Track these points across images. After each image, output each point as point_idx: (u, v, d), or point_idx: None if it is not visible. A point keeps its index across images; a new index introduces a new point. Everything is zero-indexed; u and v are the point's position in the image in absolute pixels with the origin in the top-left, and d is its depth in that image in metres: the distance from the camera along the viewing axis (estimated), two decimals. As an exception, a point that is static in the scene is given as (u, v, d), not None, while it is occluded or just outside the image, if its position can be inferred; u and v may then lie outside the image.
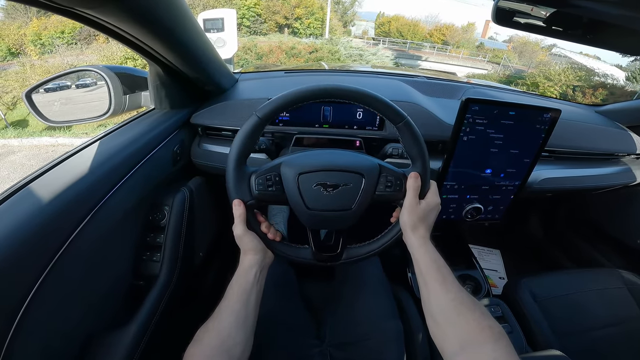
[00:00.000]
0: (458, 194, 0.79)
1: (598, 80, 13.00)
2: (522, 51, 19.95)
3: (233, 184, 0.53)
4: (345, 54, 12.34)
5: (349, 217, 0.55)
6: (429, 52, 20.63)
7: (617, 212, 1.24)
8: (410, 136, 0.53)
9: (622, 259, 1.25)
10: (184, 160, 0.83)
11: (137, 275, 0.68)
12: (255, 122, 0.52)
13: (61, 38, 13.28)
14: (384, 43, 21.01)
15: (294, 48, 11.36)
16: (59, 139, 6.25)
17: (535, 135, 0.72)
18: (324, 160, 0.54)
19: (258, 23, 17.62)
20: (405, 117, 0.53)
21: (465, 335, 0.41)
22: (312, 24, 18.24)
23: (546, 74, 12.38)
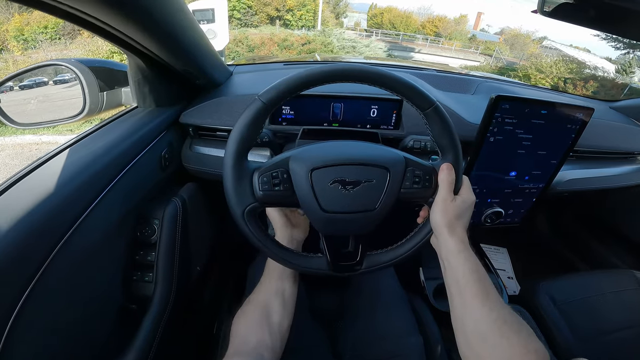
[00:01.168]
0: (479, 198, 0.71)
1: (589, 73, 13.18)
2: (514, 43, 20.02)
3: (232, 183, 0.44)
4: (338, 46, 12.17)
5: (372, 219, 0.46)
6: (421, 44, 20.56)
7: (629, 211, 1.21)
8: (441, 123, 0.45)
9: (633, 259, 1.22)
10: (174, 166, 0.74)
11: (129, 298, 0.60)
12: (259, 107, 0.43)
13: (44, 33, 12.91)
14: (376, 35, 20.85)
15: (286, 40, 11.13)
16: (42, 136, 6.01)
17: (565, 135, 0.65)
18: (341, 153, 0.46)
19: (249, 15, 17.26)
20: (435, 102, 0.44)
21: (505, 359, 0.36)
22: (304, 16, 17.96)
23: (538, 66, 12.47)
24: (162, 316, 0.61)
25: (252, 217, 0.45)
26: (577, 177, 0.86)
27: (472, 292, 0.40)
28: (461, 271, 0.41)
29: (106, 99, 0.67)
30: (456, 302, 0.42)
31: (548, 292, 0.86)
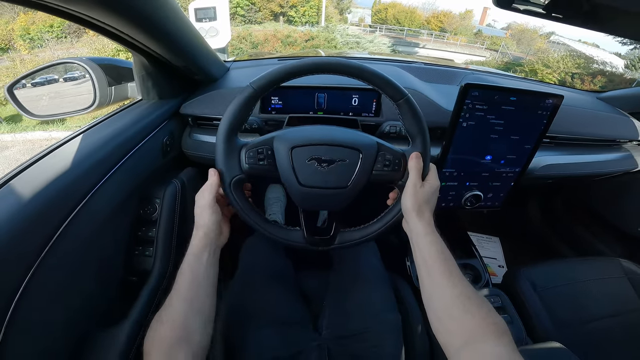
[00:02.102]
0: (457, 181, 0.77)
1: (597, 68, 12.91)
2: (520, 38, 19.72)
3: (222, 156, 0.50)
4: (342, 42, 12.11)
5: (344, 196, 0.52)
6: (426, 39, 20.35)
7: (617, 199, 1.22)
8: (411, 114, 0.51)
9: (622, 247, 1.24)
10: (174, 152, 0.81)
11: (130, 270, 0.66)
12: (250, 92, 0.49)
13: (50, 32, 13.05)
14: (380, 30, 20.68)
15: (289, 36, 11.12)
16: (52, 132, 6.15)
17: (536, 121, 0.70)
18: (319, 135, 0.52)
19: (252, 12, 17.26)
20: (406, 94, 0.50)
21: (469, 331, 0.39)
22: (308, 12, 17.90)
23: (544, 61, 12.26)
24: (159, 288, 0.66)
25: (239, 187, 0.52)
26: (554, 163, 0.89)
27: (438, 270, 0.44)
28: (428, 252, 0.45)
29: (114, 92, 0.74)
30: (425, 281, 0.45)
31: (528, 278, 0.87)
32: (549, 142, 0.90)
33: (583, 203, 1.40)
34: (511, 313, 0.75)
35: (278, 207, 1.24)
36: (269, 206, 1.27)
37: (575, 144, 0.97)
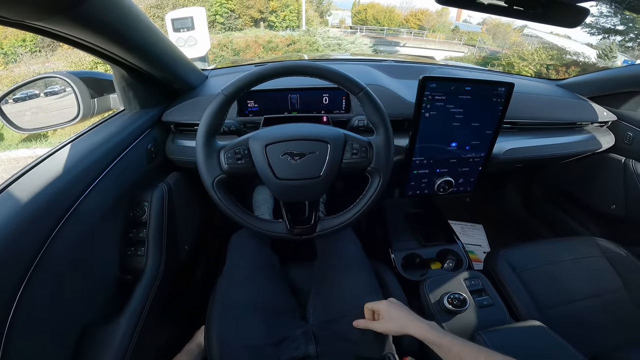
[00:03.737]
0: (428, 168, 0.82)
1: (570, 59, 13.41)
2: (496, 33, 20.31)
3: (203, 158, 0.55)
4: (324, 44, 12.25)
5: (319, 185, 0.57)
6: (406, 38, 20.74)
7: (588, 180, 1.27)
8: (371, 104, 0.56)
9: (597, 226, 1.29)
10: (159, 158, 0.84)
11: (124, 270, 0.70)
12: (222, 99, 0.54)
13: (23, 46, 12.67)
14: (361, 31, 20.96)
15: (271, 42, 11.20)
16: (36, 150, 6.02)
17: (493, 108, 0.76)
18: (289, 131, 0.57)
19: (232, 19, 17.21)
20: (364, 87, 0.56)
21: None
22: (288, 16, 17.96)
23: (520, 54, 12.69)
24: (152, 285, 0.70)
25: (221, 187, 0.56)
26: (517, 147, 0.94)
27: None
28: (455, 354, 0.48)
29: (97, 104, 0.76)
30: None
31: (507, 260, 0.89)
32: (510, 128, 0.97)
33: (558, 185, 1.45)
34: (492, 295, 0.75)
35: (265, 208, 1.28)
36: (256, 208, 1.30)
37: (537, 129, 1.03)
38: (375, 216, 1.13)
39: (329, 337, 0.63)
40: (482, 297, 0.73)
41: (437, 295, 0.73)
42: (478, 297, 0.73)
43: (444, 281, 0.76)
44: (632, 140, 1.10)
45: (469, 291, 0.74)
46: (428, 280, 0.77)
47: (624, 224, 1.16)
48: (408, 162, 0.79)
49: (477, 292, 0.74)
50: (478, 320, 0.69)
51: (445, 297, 0.70)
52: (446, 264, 0.93)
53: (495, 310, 0.71)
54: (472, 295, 0.73)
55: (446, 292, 0.71)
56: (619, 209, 1.15)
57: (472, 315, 0.69)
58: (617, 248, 0.93)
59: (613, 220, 1.20)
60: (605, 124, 1.15)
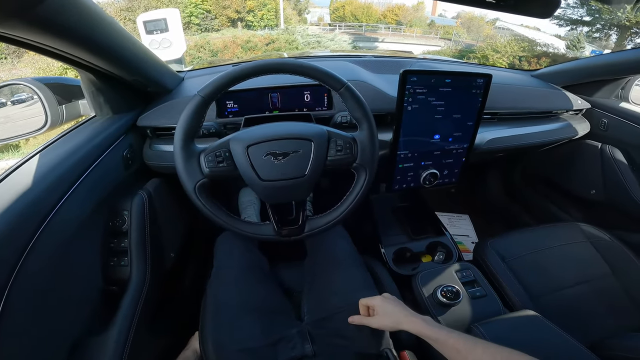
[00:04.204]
0: (413, 161, 0.83)
1: (540, 50, 13.91)
2: (470, 26, 20.84)
3: (182, 163, 0.52)
4: (303, 42, 12.20)
5: (304, 184, 0.55)
6: (384, 33, 20.96)
7: (567, 166, 1.31)
8: (353, 100, 0.55)
9: (579, 212, 1.32)
10: (137, 164, 0.81)
11: (109, 281, 0.68)
12: (198, 101, 0.52)
13: (-14, 54, 11.95)
14: (340, 28, 21.01)
15: (249, 41, 11.03)
16: (8, 161, 5.72)
17: (473, 99, 0.77)
18: (271, 131, 0.55)
19: (208, 19, 16.84)
20: (346, 83, 0.55)
21: None
22: (266, 16, 17.75)
23: (494, 47, 13.08)
24: (139, 295, 0.68)
25: (203, 191, 0.54)
26: (498, 137, 0.97)
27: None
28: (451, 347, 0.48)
29: (66, 111, 0.73)
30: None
31: (496, 250, 0.89)
32: (490, 118, 0.99)
33: (538, 173, 1.49)
34: (484, 286, 0.75)
35: (252, 209, 1.26)
36: (243, 210, 1.27)
37: (516, 118, 1.07)
38: (363, 212, 1.13)
39: (325, 335, 0.63)
40: (474, 288, 0.73)
41: (430, 288, 0.73)
42: (471, 288, 0.73)
43: (435, 274, 0.77)
44: (607, 126, 1.15)
45: (461, 283, 0.74)
46: (420, 274, 0.77)
47: (604, 208, 1.20)
48: (393, 156, 0.79)
49: (470, 284, 0.75)
50: (473, 312, 0.69)
51: (439, 290, 0.70)
52: (436, 256, 0.93)
53: (488, 301, 0.71)
54: (465, 286, 0.74)
55: (439, 285, 0.71)
56: (599, 194, 1.19)
57: (467, 307, 0.70)
58: (601, 233, 0.95)
59: (594, 205, 1.24)
60: (580, 112, 1.20)
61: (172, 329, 0.89)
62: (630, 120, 1.08)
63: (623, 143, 1.12)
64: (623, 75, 1.10)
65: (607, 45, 13.47)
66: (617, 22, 12.24)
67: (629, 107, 1.11)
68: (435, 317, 0.67)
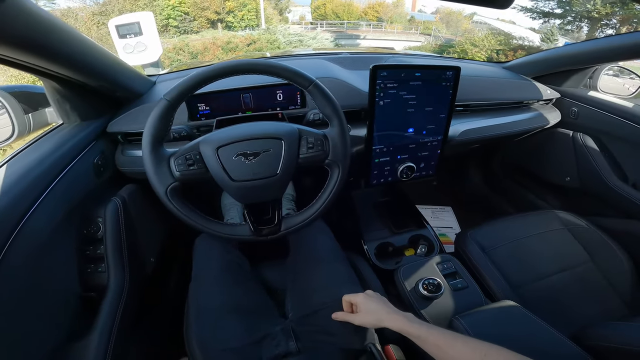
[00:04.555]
0: (389, 155, 0.84)
1: (516, 43, 14.30)
2: (449, 21, 21.24)
3: (152, 167, 0.52)
4: (285, 42, 12.13)
5: (277, 183, 0.56)
6: (366, 30, 21.10)
7: (542, 155, 1.34)
8: (322, 97, 0.56)
9: (556, 199, 1.36)
10: (110, 171, 0.80)
11: (87, 287, 0.68)
12: (164, 105, 0.52)
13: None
14: (321, 26, 21.02)
15: (230, 42, 10.87)
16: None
17: (443, 91, 0.79)
18: (241, 131, 0.55)
19: (187, 22, 16.53)
20: (314, 80, 0.55)
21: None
22: (247, 16, 17.55)
23: (472, 41, 13.37)
24: (119, 300, 0.68)
25: (176, 195, 0.54)
26: (471, 128, 0.99)
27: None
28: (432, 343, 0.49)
29: (33, 120, 0.71)
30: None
31: (476, 240, 0.89)
32: (463, 110, 1.02)
33: (515, 163, 1.53)
34: (465, 277, 0.76)
35: (235, 211, 1.25)
36: (226, 212, 1.26)
37: (488, 109, 1.09)
38: (345, 208, 1.14)
39: (309, 331, 0.63)
40: (456, 280, 0.74)
41: (412, 282, 0.73)
42: (452, 280, 0.74)
43: (417, 267, 0.77)
44: (577, 114, 1.19)
45: (442, 275, 0.75)
46: (402, 268, 0.77)
47: (579, 194, 1.24)
48: (368, 151, 0.80)
49: (451, 276, 0.75)
50: (455, 304, 0.69)
51: (420, 283, 0.70)
52: (419, 249, 0.94)
53: (470, 293, 0.72)
54: (446, 279, 0.74)
55: (421, 279, 0.72)
56: (574, 181, 1.22)
57: (449, 299, 0.70)
58: (578, 220, 0.97)
59: (569, 192, 1.27)
60: (550, 102, 1.24)
61: (157, 334, 0.88)
62: (600, 108, 1.11)
63: (594, 130, 1.16)
64: (588, 64, 1.14)
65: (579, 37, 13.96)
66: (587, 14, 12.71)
67: (598, 96, 1.15)
68: (418, 310, 0.68)
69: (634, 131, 1.00)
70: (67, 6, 12.91)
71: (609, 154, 1.13)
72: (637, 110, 1.01)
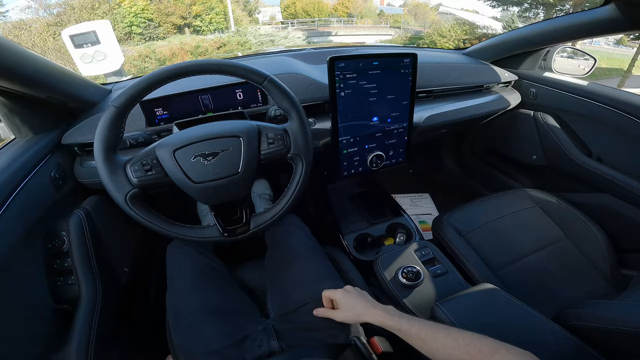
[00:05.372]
0: (356, 146, 0.85)
1: (481, 32, 14.78)
2: (416, 13, 21.68)
3: (107, 176, 0.51)
4: (256, 43, 11.98)
5: (240, 182, 0.55)
6: (337, 27, 21.20)
7: (507, 136, 1.39)
8: (277, 92, 0.55)
9: (526, 177, 1.40)
10: (70, 183, 0.77)
11: (59, 300, 0.68)
12: (113, 112, 0.50)
13: None
14: (292, 25, 20.92)
15: (198, 47, 10.61)
16: None
17: (403, 79, 0.81)
18: (197, 132, 0.54)
19: (152, 28, 15.95)
20: (267, 76, 0.54)
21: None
22: (215, 19, 17.16)
23: (439, 32, 13.75)
24: (93, 311, 0.69)
25: (137, 201, 0.53)
26: (435, 113, 1.01)
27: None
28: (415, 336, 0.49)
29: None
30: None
31: (452, 224, 0.89)
32: (426, 96, 1.04)
33: (484, 145, 1.58)
34: (444, 262, 0.75)
35: (211, 216, 1.22)
36: (203, 217, 1.23)
37: (450, 94, 1.13)
38: (321, 203, 1.15)
39: (291, 329, 0.62)
40: (435, 266, 0.73)
41: (392, 271, 0.72)
42: (431, 266, 0.73)
43: (395, 256, 0.76)
44: (536, 95, 1.24)
45: (421, 262, 0.74)
46: (380, 258, 0.77)
47: (547, 171, 1.28)
48: (335, 143, 0.81)
49: (430, 262, 0.75)
50: (436, 290, 0.69)
51: (400, 272, 0.70)
52: (397, 238, 0.94)
53: (450, 278, 0.72)
54: (425, 265, 0.73)
55: (399, 267, 0.71)
56: (540, 159, 1.27)
57: (430, 286, 0.70)
58: (548, 196, 1.00)
59: (537, 170, 1.32)
60: (509, 84, 1.29)
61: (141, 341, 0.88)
62: (557, 87, 1.16)
63: (553, 109, 1.20)
64: (540, 46, 1.20)
65: (538, 24, 14.59)
66: (542, 1, 13.34)
67: (553, 76, 1.20)
68: (400, 299, 0.67)
69: (592, 108, 1.04)
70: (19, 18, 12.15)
71: (570, 131, 1.18)
72: (593, 87, 1.06)
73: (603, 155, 1.08)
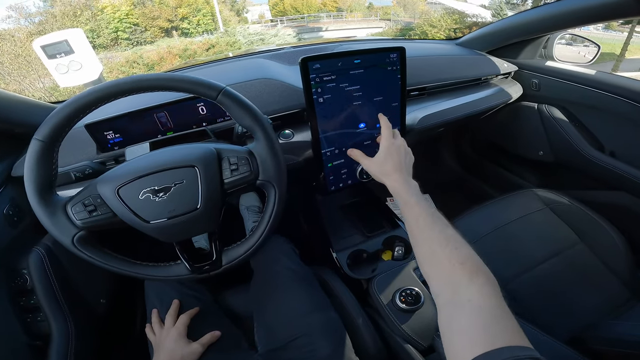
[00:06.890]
0: (343, 157, 0.74)
1: (471, 21, 14.66)
2: (406, 4, 21.44)
3: (46, 219, 0.43)
4: (246, 42, 11.84)
5: (202, 217, 0.47)
6: (327, 22, 21.02)
7: (511, 131, 1.30)
8: (236, 107, 0.46)
9: (533, 175, 1.33)
10: (27, 219, 0.69)
11: (32, 336, 0.66)
12: (38, 147, 0.41)
13: None
14: (282, 22, 20.70)
15: (187, 49, 10.45)
16: None
17: (391, 77, 0.70)
18: (142, 165, 0.46)
19: (138, 32, 15.78)
20: (222, 88, 0.45)
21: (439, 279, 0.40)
22: (202, 21, 16.99)
23: (430, 22, 13.62)
24: (67, 346, 0.67)
25: (88, 243, 0.45)
26: (431, 113, 0.91)
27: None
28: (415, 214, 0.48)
29: None
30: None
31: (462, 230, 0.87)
32: (419, 94, 0.94)
33: (487, 142, 1.49)
34: None
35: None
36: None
37: (446, 90, 1.02)
38: (309, 215, 1.05)
39: None
40: None
41: (389, 294, 0.66)
42: None
43: (392, 276, 0.70)
44: (539, 86, 1.15)
45: (421, 282, 0.68)
46: (375, 279, 0.70)
47: (556, 168, 1.20)
48: (318, 156, 0.70)
49: None
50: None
51: (397, 295, 0.64)
52: (396, 251, 0.85)
53: None
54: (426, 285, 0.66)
55: (397, 289, 0.65)
56: (547, 154, 1.19)
57: (431, 310, 0.63)
58: (558, 196, 0.92)
59: (545, 166, 1.24)
60: (509, 75, 1.19)
61: None
62: (561, 77, 1.07)
63: (559, 100, 1.12)
64: (538, 34, 1.10)
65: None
66: (529, -13, 13.21)
67: (557, 65, 1.11)
68: (399, 325, 0.62)
69: (602, 99, 0.96)
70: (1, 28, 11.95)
71: (579, 124, 1.09)
72: (602, 76, 0.97)
73: (616, 150, 0.99)
